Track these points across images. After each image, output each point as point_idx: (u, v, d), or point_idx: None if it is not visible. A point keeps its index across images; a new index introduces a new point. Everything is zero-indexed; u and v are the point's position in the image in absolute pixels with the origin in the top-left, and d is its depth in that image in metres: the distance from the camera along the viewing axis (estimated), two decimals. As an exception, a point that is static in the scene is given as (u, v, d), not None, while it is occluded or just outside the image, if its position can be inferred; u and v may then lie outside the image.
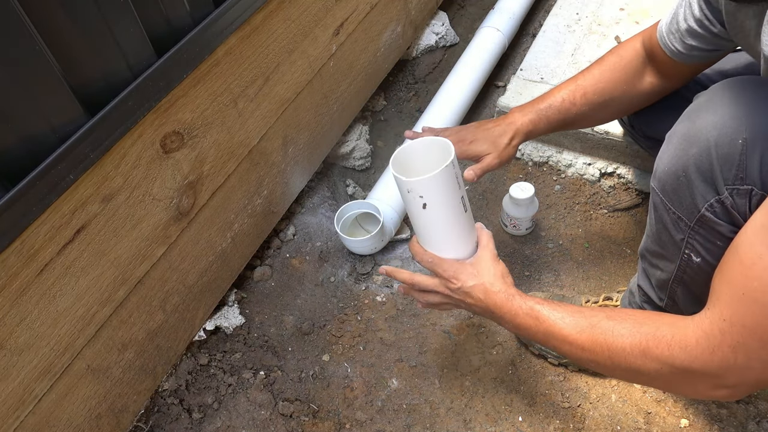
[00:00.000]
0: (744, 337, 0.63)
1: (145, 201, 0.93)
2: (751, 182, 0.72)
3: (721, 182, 0.74)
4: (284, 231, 1.43)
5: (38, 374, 0.83)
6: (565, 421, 1.11)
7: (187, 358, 1.20)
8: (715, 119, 0.75)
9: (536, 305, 0.83)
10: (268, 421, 1.15)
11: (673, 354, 0.69)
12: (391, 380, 1.20)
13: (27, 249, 0.75)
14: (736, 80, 0.80)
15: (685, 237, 0.84)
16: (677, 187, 0.81)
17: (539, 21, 2.00)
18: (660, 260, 0.94)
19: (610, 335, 0.74)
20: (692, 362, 0.67)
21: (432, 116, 1.55)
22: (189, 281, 1.10)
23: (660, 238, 0.90)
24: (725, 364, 0.65)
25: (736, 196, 0.74)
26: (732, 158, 0.73)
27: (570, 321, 0.79)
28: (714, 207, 0.77)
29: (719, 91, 0.79)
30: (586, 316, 0.78)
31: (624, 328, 0.74)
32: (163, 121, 0.91)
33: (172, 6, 0.87)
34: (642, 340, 0.71)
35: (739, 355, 0.64)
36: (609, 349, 0.74)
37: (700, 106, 0.79)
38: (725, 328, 0.65)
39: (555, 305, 0.82)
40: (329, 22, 1.28)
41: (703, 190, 0.77)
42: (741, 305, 0.63)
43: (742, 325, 0.63)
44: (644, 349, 0.71)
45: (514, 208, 1.36)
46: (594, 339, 0.76)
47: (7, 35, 0.65)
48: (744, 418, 1.07)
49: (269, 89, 1.15)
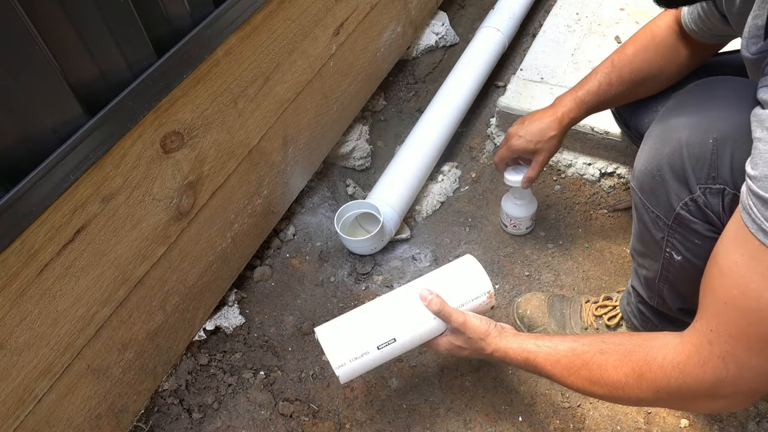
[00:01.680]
0: (731, 346, 0.63)
1: (145, 201, 0.93)
2: (722, 182, 0.73)
3: (694, 181, 0.76)
4: (284, 231, 1.43)
5: (38, 374, 0.83)
6: (565, 421, 1.11)
7: (187, 358, 1.20)
8: (687, 119, 0.77)
9: (530, 355, 0.85)
10: (268, 421, 1.15)
11: (666, 375, 0.69)
12: (391, 380, 1.20)
13: (27, 249, 0.75)
14: (708, 80, 0.81)
15: (664, 236, 0.85)
16: (654, 187, 0.82)
17: (539, 21, 2.00)
18: (645, 259, 0.95)
19: (604, 371, 0.75)
20: (686, 379, 0.67)
21: (432, 116, 1.55)
22: (189, 281, 1.10)
23: (643, 238, 0.92)
24: (718, 376, 0.65)
25: (709, 195, 0.75)
26: (703, 158, 0.74)
27: (565, 363, 0.80)
28: (688, 206, 0.78)
29: (692, 92, 0.81)
30: (578, 354, 0.79)
31: (617, 360, 0.74)
32: (163, 121, 0.91)
33: (172, 6, 0.87)
34: (635, 368, 0.72)
35: (729, 365, 0.64)
36: (606, 385, 0.75)
37: (673, 106, 0.81)
38: (713, 339, 0.64)
39: (545, 345, 0.84)
40: (329, 22, 1.28)
41: (677, 189, 0.78)
42: (724, 314, 0.63)
43: (729, 334, 0.63)
44: (639, 376, 0.71)
45: (514, 208, 1.36)
46: (591, 378, 0.77)
47: (7, 35, 0.65)
48: (744, 418, 1.07)
49: (269, 89, 1.15)
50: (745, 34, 0.72)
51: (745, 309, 0.61)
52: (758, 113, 0.61)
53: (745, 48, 0.72)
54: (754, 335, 0.61)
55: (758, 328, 0.60)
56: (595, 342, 0.78)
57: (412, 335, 0.94)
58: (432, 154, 1.50)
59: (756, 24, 0.70)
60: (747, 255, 0.60)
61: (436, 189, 1.56)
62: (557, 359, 0.81)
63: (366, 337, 0.93)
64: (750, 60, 0.71)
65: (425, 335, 0.95)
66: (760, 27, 0.69)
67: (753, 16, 0.70)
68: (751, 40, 0.71)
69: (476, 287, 0.99)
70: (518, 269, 1.37)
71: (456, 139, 1.67)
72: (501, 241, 1.43)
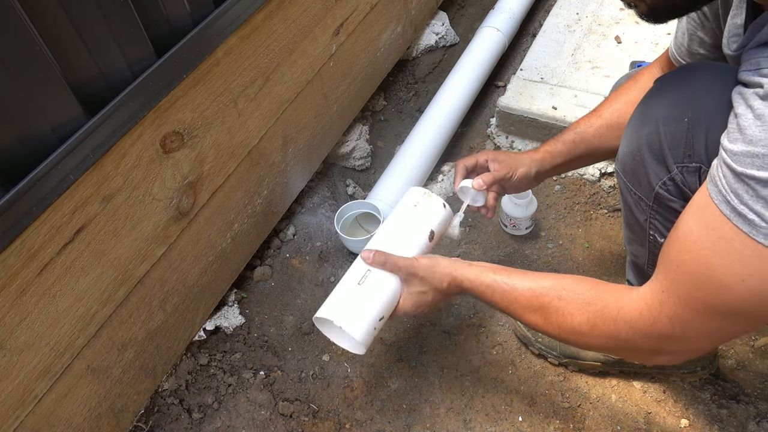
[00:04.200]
0: (679, 307, 0.67)
1: (145, 201, 0.93)
2: (698, 160, 0.75)
3: (671, 160, 0.78)
4: (284, 231, 1.43)
5: (38, 374, 0.83)
6: (565, 421, 1.11)
7: (187, 358, 1.20)
8: (664, 100, 0.79)
9: (487, 289, 0.87)
10: (268, 421, 1.15)
11: (618, 328, 0.73)
12: (391, 380, 1.20)
13: (27, 249, 0.75)
14: (686, 65, 0.84)
15: (647, 218, 0.87)
16: (635, 167, 0.84)
17: (539, 21, 2.00)
18: (634, 246, 0.97)
19: (560, 316, 0.79)
20: (636, 334, 0.72)
21: (432, 116, 1.55)
22: (189, 281, 1.10)
23: (629, 222, 0.94)
24: (664, 334, 0.69)
25: (686, 174, 0.77)
26: (679, 137, 0.76)
27: (522, 302, 0.84)
28: (667, 185, 0.80)
29: (670, 76, 0.83)
30: (537, 296, 0.82)
31: (574, 308, 0.78)
32: (163, 121, 0.91)
33: (172, 6, 0.87)
34: (590, 318, 0.76)
35: (675, 325, 0.68)
36: (560, 328, 0.80)
37: (654, 90, 0.83)
38: (663, 299, 0.68)
39: (504, 282, 0.86)
40: (329, 22, 1.28)
41: (655, 168, 0.80)
42: (675, 277, 0.67)
43: (677, 296, 0.67)
44: (593, 326, 0.76)
45: (513, 208, 1.36)
46: (546, 319, 0.81)
47: (7, 35, 0.65)
48: (744, 418, 1.07)
49: (269, 89, 1.15)
50: (725, 33, 0.75)
51: (693, 274, 0.64)
52: (742, 90, 0.63)
53: (726, 46, 0.75)
54: (699, 299, 0.65)
55: (704, 293, 0.64)
56: (555, 287, 0.81)
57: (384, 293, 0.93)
58: (432, 154, 1.50)
59: (735, 23, 0.73)
60: (704, 224, 0.63)
61: (436, 189, 1.56)
62: (515, 297, 0.84)
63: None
64: (732, 57, 0.74)
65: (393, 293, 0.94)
66: (739, 26, 0.72)
67: (732, 15, 0.74)
68: (731, 39, 0.74)
69: (413, 202, 1.00)
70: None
71: (456, 139, 1.67)
72: (501, 241, 1.43)
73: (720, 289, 0.62)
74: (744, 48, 0.66)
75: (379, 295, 0.92)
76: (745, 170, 0.58)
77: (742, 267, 0.60)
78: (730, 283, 0.61)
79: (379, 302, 0.92)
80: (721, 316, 0.65)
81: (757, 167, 0.57)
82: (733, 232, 0.59)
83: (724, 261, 0.61)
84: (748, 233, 0.58)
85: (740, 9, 0.72)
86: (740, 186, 0.58)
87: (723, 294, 0.62)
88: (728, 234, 0.60)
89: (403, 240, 0.97)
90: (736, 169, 0.59)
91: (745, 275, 0.60)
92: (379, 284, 0.93)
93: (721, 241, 0.61)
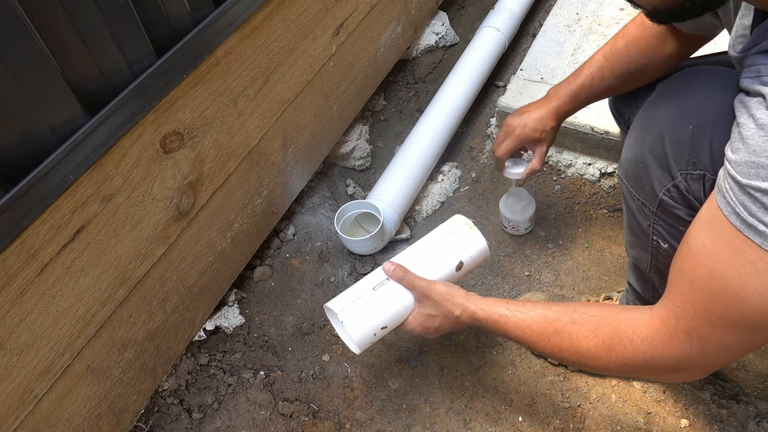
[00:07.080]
0: (696, 321, 0.66)
1: (145, 201, 0.93)
2: (703, 167, 0.75)
3: (675, 167, 0.77)
4: (284, 231, 1.43)
5: (38, 374, 0.83)
6: (565, 421, 1.11)
7: (187, 358, 1.20)
8: (668, 107, 0.78)
9: (500, 318, 0.86)
10: (268, 421, 1.15)
11: (635, 349, 0.72)
12: (391, 380, 1.20)
13: (27, 249, 0.75)
14: (690, 70, 0.83)
15: (651, 223, 0.87)
16: (638, 174, 0.83)
17: (539, 21, 2.00)
18: (636, 250, 0.97)
19: (575, 340, 0.78)
20: (653, 352, 0.71)
21: (432, 116, 1.55)
22: (189, 281, 1.10)
23: (631, 227, 0.93)
24: (682, 350, 0.68)
25: (691, 181, 0.77)
26: (683, 144, 0.75)
27: (536, 329, 0.82)
28: (671, 192, 0.80)
29: (674, 81, 0.82)
30: (550, 321, 0.81)
31: (588, 330, 0.76)
32: (163, 121, 0.91)
33: (172, 6, 0.87)
34: (606, 340, 0.75)
35: (693, 340, 0.67)
36: (576, 353, 0.78)
37: (657, 95, 0.82)
38: (679, 314, 0.67)
39: (517, 311, 0.85)
40: (329, 22, 1.28)
41: (659, 175, 0.80)
42: (691, 292, 0.66)
43: (694, 310, 0.66)
44: (608, 348, 0.74)
45: (511, 211, 1.36)
46: (561, 345, 0.79)
47: (7, 35, 0.65)
48: (744, 418, 1.07)
49: (269, 89, 1.15)
50: (732, 33, 0.74)
51: (709, 289, 0.63)
52: (744, 99, 0.62)
53: (731, 47, 0.74)
54: (716, 313, 0.64)
55: (721, 307, 0.63)
56: (567, 311, 0.81)
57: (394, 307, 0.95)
58: (432, 154, 1.50)
59: (743, 23, 0.72)
60: (716, 236, 0.62)
61: (436, 189, 1.56)
62: (528, 324, 0.83)
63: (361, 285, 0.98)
64: (737, 58, 0.73)
65: (405, 308, 0.96)
66: (747, 26, 0.71)
67: (740, 15, 0.72)
68: (737, 40, 0.73)
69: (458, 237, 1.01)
70: (518, 269, 1.37)
71: (456, 139, 1.67)
72: (501, 241, 1.43)
73: (737, 302, 0.61)
74: (748, 51, 0.65)
75: (388, 305, 0.95)
76: (750, 182, 0.57)
77: (758, 280, 0.59)
78: (746, 296, 0.60)
79: (386, 311, 0.94)
80: (740, 329, 0.64)
81: (762, 178, 0.56)
82: (746, 244, 0.58)
83: (740, 273, 0.60)
84: (761, 245, 0.57)
85: (749, 9, 0.71)
86: (746, 198, 0.58)
87: (740, 307, 0.61)
88: (741, 246, 0.59)
89: (429, 262, 0.99)
90: (740, 180, 0.58)
91: (761, 289, 0.59)
92: (391, 295, 0.95)
93: (736, 254, 0.60)
